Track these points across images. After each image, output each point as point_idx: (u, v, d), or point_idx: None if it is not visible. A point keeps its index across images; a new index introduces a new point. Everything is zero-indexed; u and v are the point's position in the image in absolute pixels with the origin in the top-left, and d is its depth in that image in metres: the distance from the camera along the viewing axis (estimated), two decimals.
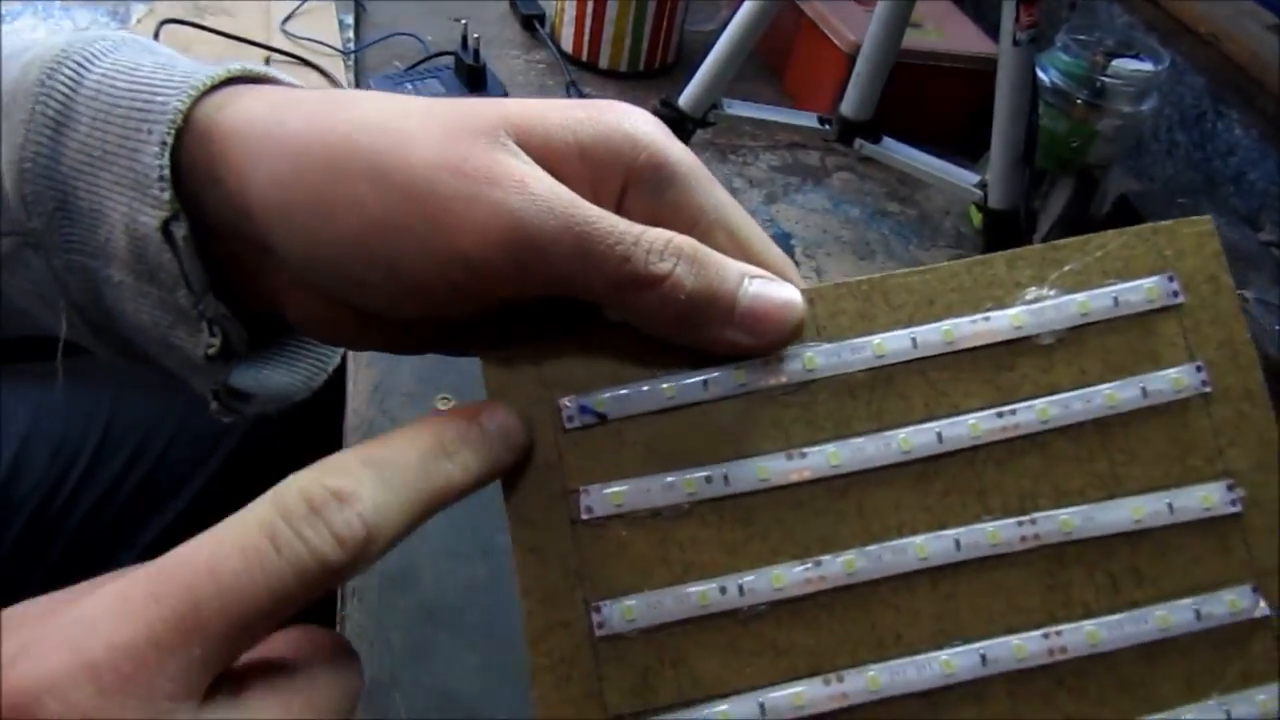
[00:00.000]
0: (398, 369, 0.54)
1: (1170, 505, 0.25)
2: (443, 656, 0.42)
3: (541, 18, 0.93)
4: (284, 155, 0.25)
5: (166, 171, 0.25)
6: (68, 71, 0.27)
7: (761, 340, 0.25)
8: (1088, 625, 0.25)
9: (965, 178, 0.68)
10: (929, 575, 0.25)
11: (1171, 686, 0.24)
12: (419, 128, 0.24)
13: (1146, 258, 0.26)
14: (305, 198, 0.24)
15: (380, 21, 0.91)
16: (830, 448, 0.25)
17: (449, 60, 0.80)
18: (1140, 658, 0.25)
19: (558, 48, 0.90)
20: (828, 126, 0.72)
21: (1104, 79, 0.69)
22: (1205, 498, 0.25)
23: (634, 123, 0.26)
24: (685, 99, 0.68)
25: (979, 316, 0.26)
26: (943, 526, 0.25)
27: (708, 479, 0.25)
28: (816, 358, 0.26)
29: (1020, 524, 0.25)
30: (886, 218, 0.80)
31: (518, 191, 0.23)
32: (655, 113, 0.72)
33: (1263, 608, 0.25)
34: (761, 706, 0.24)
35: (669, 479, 0.25)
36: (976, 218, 0.79)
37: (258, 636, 0.21)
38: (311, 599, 0.21)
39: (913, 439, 0.25)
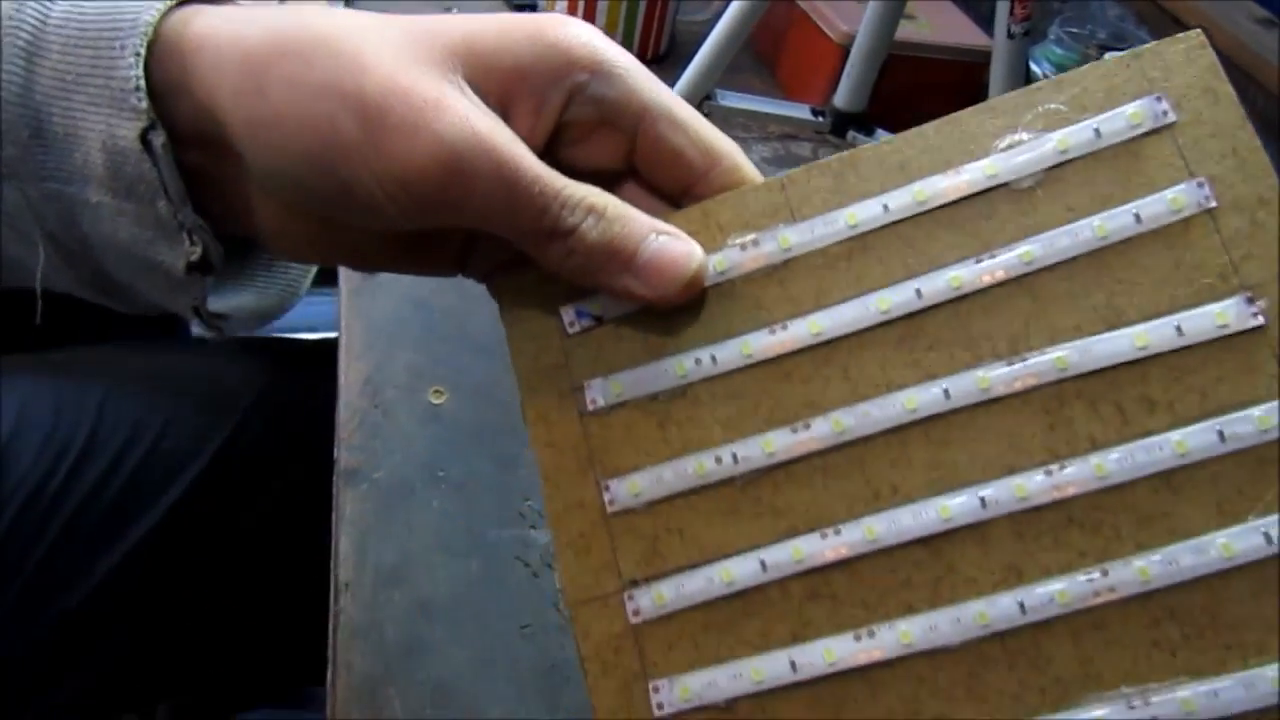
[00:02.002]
0: (390, 362, 0.54)
1: (1179, 328, 0.24)
2: (437, 652, 0.42)
3: (533, 7, 0.92)
4: (248, 70, 0.26)
5: (142, 82, 0.27)
6: (33, 4, 0.28)
7: (656, 291, 0.27)
8: (1094, 458, 0.24)
9: None
10: (920, 427, 0.25)
11: (1199, 513, 0.23)
12: (374, 50, 0.26)
13: (1129, 84, 0.25)
14: (268, 114, 0.26)
15: (370, 10, 0.90)
16: (811, 317, 0.26)
17: None
18: (1159, 487, 0.23)
19: None
20: (821, 118, 0.72)
21: None
22: (1220, 314, 0.24)
23: (570, 35, 0.27)
24: (678, 90, 0.68)
25: (950, 172, 0.26)
26: (931, 379, 0.25)
27: (696, 361, 0.27)
28: (790, 236, 0.27)
29: (1011, 365, 0.25)
30: None
31: (459, 128, 0.25)
32: None
33: None
34: (762, 563, 0.25)
35: (661, 365, 0.27)
36: None
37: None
38: None
39: (891, 298, 0.26)
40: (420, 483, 0.48)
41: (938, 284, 0.25)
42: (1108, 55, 0.26)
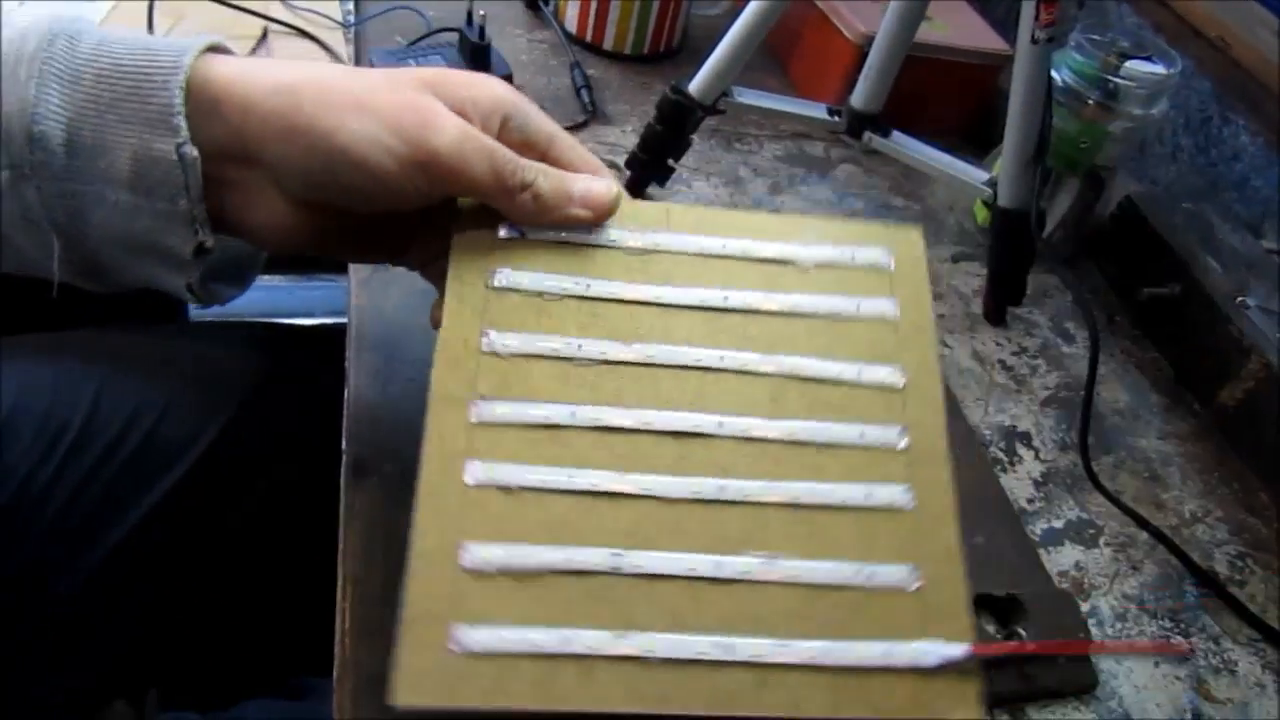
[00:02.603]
0: (400, 355, 0.53)
1: (835, 365, 0.41)
2: None
3: (546, 1, 0.91)
4: (281, 91, 0.36)
5: (183, 107, 0.35)
6: (63, 42, 0.36)
7: (594, 210, 0.41)
8: (790, 422, 0.39)
9: (975, 175, 0.68)
10: (699, 371, 0.40)
11: (839, 466, 0.39)
12: (374, 81, 0.37)
13: (875, 237, 0.44)
14: (305, 122, 0.36)
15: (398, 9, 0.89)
16: (659, 287, 0.41)
17: (453, 37, 0.79)
18: (817, 445, 0.39)
19: (562, 28, 0.88)
20: (837, 118, 0.71)
21: (1117, 80, 0.68)
22: (880, 375, 0.41)
23: (498, 87, 0.40)
24: (695, 86, 0.67)
25: (760, 243, 0.43)
26: (716, 347, 0.40)
27: (576, 283, 0.41)
28: (661, 239, 0.42)
29: (762, 355, 0.40)
30: (891, 211, 0.79)
31: (456, 126, 0.37)
32: (665, 98, 0.71)
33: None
34: (573, 413, 0.38)
35: (553, 278, 0.40)
36: (981, 214, 0.79)
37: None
38: None
39: (709, 295, 0.41)
40: None
41: (737, 298, 0.42)
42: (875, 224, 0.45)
